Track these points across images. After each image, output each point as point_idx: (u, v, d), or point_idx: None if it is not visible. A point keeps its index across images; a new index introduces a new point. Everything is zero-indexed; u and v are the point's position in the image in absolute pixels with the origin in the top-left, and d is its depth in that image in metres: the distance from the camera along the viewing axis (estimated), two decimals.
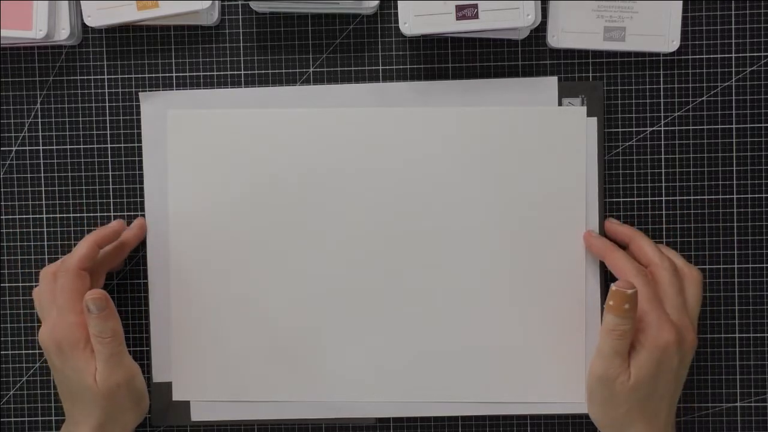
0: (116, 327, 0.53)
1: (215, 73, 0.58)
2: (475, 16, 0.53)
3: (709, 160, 0.57)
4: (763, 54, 0.57)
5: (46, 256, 0.59)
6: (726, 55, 0.57)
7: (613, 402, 0.51)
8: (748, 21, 0.57)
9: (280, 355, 0.57)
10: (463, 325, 0.57)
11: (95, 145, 0.58)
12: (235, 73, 0.58)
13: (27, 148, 0.59)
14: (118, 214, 0.58)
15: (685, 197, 0.57)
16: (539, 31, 0.57)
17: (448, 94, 0.57)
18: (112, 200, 0.58)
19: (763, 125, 0.57)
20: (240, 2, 0.58)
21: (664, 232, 0.57)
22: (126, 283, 0.59)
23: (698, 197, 0.57)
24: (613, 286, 0.50)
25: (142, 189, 0.58)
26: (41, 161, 0.59)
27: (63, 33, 0.56)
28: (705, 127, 0.57)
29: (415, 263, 0.57)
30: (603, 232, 0.57)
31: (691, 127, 0.57)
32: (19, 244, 0.59)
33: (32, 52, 0.58)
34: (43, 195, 0.59)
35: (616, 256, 0.53)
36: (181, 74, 0.58)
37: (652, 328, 0.50)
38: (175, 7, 0.55)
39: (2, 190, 0.59)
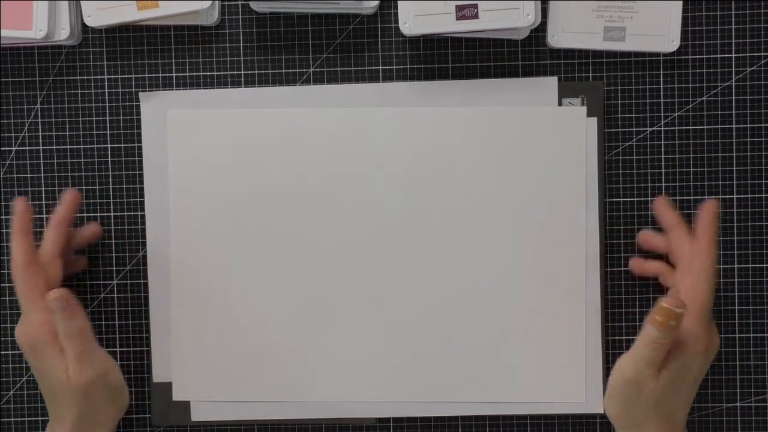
0: (83, 324, 0.52)
1: (215, 73, 0.58)
2: (475, 16, 0.53)
3: (709, 160, 0.57)
4: (763, 54, 0.57)
5: None
6: (726, 55, 0.57)
7: (635, 403, 0.51)
8: (748, 21, 0.57)
9: (280, 355, 0.57)
10: (463, 325, 0.57)
11: (95, 145, 0.58)
12: (235, 73, 0.58)
13: (27, 148, 0.59)
14: (118, 214, 0.58)
15: (685, 197, 0.57)
16: (539, 31, 0.57)
17: (448, 94, 0.57)
18: (112, 200, 0.58)
19: (763, 125, 0.57)
20: (240, 2, 0.58)
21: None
22: (126, 283, 0.59)
23: (698, 197, 0.57)
24: (663, 303, 0.49)
25: (142, 189, 0.58)
26: (41, 161, 0.59)
27: (63, 33, 0.56)
28: (705, 127, 0.57)
29: (415, 262, 0.57)
30: (603, 235, 0.57)
31: (691, 127, 0.57)
32: None
33: (32, 52, 0.58)
34: (43, 195, 0.59)
35: (703, 248, 0.52)
36: (181, 74, 0.58)
37: (695, 334, 0.50)
38: (175, 7, 0.55)
39: (2, 190, 0.59)
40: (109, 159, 0.58)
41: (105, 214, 0.58)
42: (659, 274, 0.56)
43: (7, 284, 0.59)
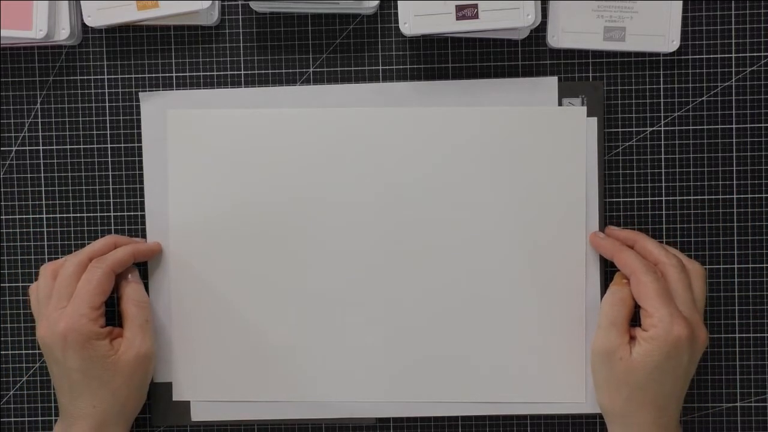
0: (148, 298, 0.57)
1: (215, 73, 0.58)
2: (475, 16, 0.53)
3: (709, 160, 0.57)
4: (763, 54, 0.57)
5: (46, 256, 0.59)
6: (726, 55, 0.57)
7: (613, 381, 0.52)
8: (748, 21, 0.57)
9: (280, 355, 0.57)
10: (463, 325, 0.57)
11: (95, 145, 0.58)
12: (235, 73, 0.58)
13: (27, 148, 0.59)
14: (118, 214, 0.58)
15: (685, 197, 0.57)
16: (539, 31, 0.57)
17: (448, 94, 0.57)
18: (112, 200, 0.58)
19: (763, 125, 0.57)
20: (240, 2, 0.58)
21: (664, 232, 0.57)
22: None
23: (698, 197, 0.57)
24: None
25: (142, 189, 0.58)
26: (41, 161, 0.59)
27: (63, 33, 0.57)
28: (705, 127, 0.57)
29: (415, 262, 0.57)
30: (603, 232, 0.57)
31: (691, 127, 0.57)
32: (19, 244, 0.59)
33: (32, 52, 0.58)
34: (43, 195, 0.59)
35: (625, 255, 0.53)
36: (181, 74, 0.58)
37: (664, 322, 0.50)
38: (175, 7, 0.55)
39: (2, 190, 0.59)
40: (109, 159, 0.58)
41: (105, 214, 0.58)
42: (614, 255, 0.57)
43: (6, 284, 0.59)
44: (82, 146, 0.58)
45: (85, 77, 0.58)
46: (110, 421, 0.53)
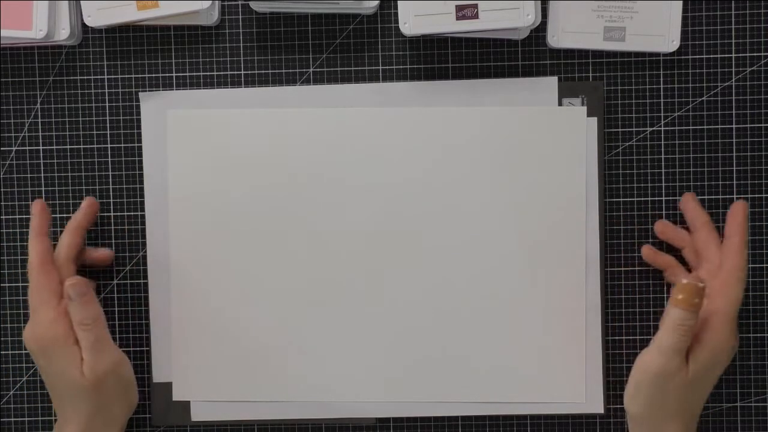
0: (97, 312, 0.53)
1: (215, 73, 0.58)
2: (475, 16, 0.53)
3: (709, 160, 0.57)
4: (763, 54, 0.57)
5: None
6: (726, 55, 0.57)
7: (662, 397, 0.51)
8: (748, 21, 0.57)
9: (280, 355, 0.57)
10: (463, 325, 0.57)
11: (95, 145, 0.58)
12: (235, 73, 0.58)
13: (27, 148, 0.59)
14: (118, 214, 0.58)
15: None
16: (539, 31, 0.57)
17: (448, 94, 0.57)
18: (112, 200, 0.58)
19: (763, 125, 0.57)
20: (240, 2, 0.58)
21: None
22: (126, 283, 0.59)
23: (698, 197, 0.57)
24: (683, 280, 0.49)
25: (142, 189, 0.58)
26: (41, 161, 0.59)
27: (63, 33, 0.57)
28: (705, 127, 0.57)
29: (415, 262, 0.57)
30: (603, 235, 0.57)
31: (691, 127, 0.57)
32: (19, 244, 0.59)
33: (32, 52, 0.58)
34: (43, 195, 0.59)
35: (744, 254, 0.51)
36: (181, 74, 0.58)
37: (725, 332, 0.50)
38: (175, 7, 0.55)
39: (2, 190, 0.59)
40: (109, 159, 0.58)
41: (105, 214, 0.58)
42: (667, 269, 0.55)
43: (6, 284, 0.59)
44: (82, 146, 0.58)
45: (85, 77, 0.58)
46: (98, 425, 0.53)
